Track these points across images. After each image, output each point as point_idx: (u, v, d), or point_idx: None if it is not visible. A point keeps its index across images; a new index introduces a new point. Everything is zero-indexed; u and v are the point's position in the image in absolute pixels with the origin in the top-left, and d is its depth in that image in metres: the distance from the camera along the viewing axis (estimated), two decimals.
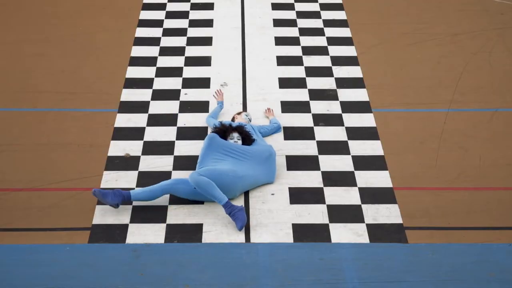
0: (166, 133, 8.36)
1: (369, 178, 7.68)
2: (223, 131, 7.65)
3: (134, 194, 7.14)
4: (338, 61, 9.77)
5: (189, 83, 9.30)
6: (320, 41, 10.21)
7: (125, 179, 7.64)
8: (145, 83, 9.28)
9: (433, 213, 7.23)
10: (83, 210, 7.22)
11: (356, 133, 8.37)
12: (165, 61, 9.75)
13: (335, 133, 8.37)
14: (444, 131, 8.41)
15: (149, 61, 9.73)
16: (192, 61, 9.76)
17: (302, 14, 10.89)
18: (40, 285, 6.40)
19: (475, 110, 8.80)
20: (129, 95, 9.03)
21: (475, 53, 9.91)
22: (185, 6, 11.12)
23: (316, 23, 10.67)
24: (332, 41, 10.22)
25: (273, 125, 8.28)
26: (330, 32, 10.45)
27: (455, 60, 9.76)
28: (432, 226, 7.09)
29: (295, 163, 7.90)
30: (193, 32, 10.46)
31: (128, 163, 7.88)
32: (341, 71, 9.53)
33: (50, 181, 7.60)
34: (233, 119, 8.25)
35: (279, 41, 10.24)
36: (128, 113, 8.69)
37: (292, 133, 8.34)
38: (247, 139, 7.68)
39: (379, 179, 7.67)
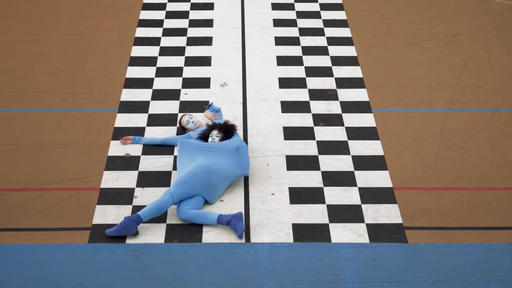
0: (166, 133, 8.36)
1: (369, 178, 7.68)
2: (205, 135, 7.73)
3: (143, 214, 7.01)
4: (338, 61, 9.77)
5: (189, 83, 9.30)
6: (320, 41, 10.21)
7: (125, 179, 7.64)
8: (145, 83, 9.28)
9: (433, 213, 7.23)
10: (83, 210, 7.22)
11: (356, 133, 8.37)
12: (165, 61, 9.75)
13: (335, 133, 8.37)
14: (444, 131, 8.41)
15: (149, 61, 9.73)
16: (192, 61, 9.76)
17: (302, 14, 10.89)
18: (40, 285, 6.40)
19: (475, 110, 8.80)
20: (129, 95, 9.04)
21: (475, 53, 9.91)
22: (185, 6, 11.12)
23: (316, 23, 10.67)
24: (332, 41, 10.23)
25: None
26: (330, 32, 10.46)
27: (455, 60, 9.77)
28: (432, 226, 7.09)
29: (295, 163, 7.90)
30: (193, 32, 10.46)
31: (128, 163, 7.88)
32: (341, 71, 9.53)
33: (50, 181, 7.60)
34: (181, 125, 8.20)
35: (279, 41, 10.24)
36: (128, 113, 8.69)
37: (292, 133, 8.34)
38: (227, 131, 7.70)
39: (379, 179, 7.67)
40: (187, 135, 7.99)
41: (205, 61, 9.78)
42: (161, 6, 11.09)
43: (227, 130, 7.71)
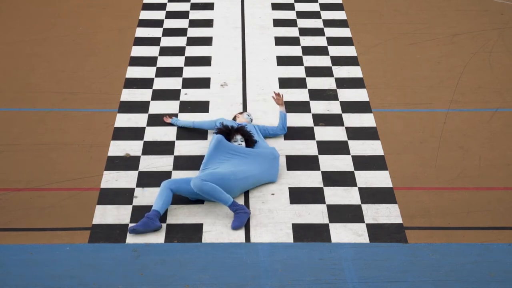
0: (166, 133, 8.36)
1: (369, 178, 7.68)
2: (227, 133, 7.66)
3: (160, 208, 7.04)
4: (338, 61, 9.77)
5: (189, 83, 9.30)
6: (320, 41, 10.21)
7: (125, 179, 7.64)
8: (145, 83, 9.28)
9: (433, 213, 7.23)
10: (83, 210, 7.22)
11: (356, 133, 8.37)
12: (165, 61, 9.75)
13: (335, 133, 8.37)
14: (444, 131, 8.41)
15: (149, 61, 9.74)
16: (192, 61, 9.76)
17: (302, 14, 10.89)
18: (40, 285, 6.40)
19: (475, 110, 8.80)
20: (129, 95, 9.04)
21: (475, 53, 9.91)
22: (185, 6, 11.12)
23: (316, 23, 10.67)
24: (332, 41, 10.23)
25: (277, 127, 8.21)
26: (330, 32, 10.46)
27: (455, 60, 9.77)
28: (432, 226, 7.09)
29: (295, 163, 7.90)
30: (193, 32, 10.46)
31: (128, 163, 7.88)
32: (341, 71, 9.53)
33: (50, 181, 7.60)
34: (234, 118, 8.25)
35: (279, 41, 10.24)
36: (128, 113, 8.69)
37: (292, 133, 8.34)
38: (249, 140, 7.71)
39: (379, 179, 7.67)
40: (220, 120, 8.04)
41: (205, 61, 9.78)
42: (161, 6, 11.09)
43: (249, 139, 7.70)
